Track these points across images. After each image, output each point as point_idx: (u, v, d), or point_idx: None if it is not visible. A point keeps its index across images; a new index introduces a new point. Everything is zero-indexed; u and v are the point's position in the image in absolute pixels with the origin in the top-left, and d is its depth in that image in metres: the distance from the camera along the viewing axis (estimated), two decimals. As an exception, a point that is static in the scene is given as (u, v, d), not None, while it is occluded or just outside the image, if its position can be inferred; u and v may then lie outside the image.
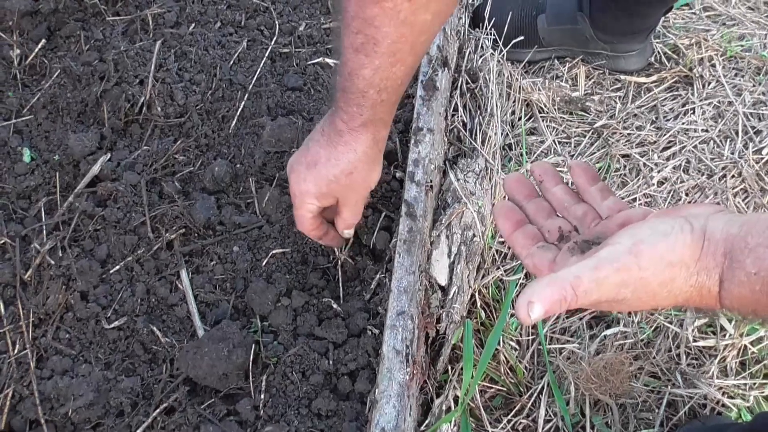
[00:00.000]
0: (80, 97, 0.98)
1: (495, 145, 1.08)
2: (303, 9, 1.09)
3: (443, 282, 0.87)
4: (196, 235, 0.90)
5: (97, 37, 1.04)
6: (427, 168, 0.91)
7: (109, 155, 0.94)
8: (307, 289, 0.87)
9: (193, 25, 1.05)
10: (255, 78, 1.00)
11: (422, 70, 1.00)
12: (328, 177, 0.72)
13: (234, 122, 0.97)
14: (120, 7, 1.08)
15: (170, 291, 0.85)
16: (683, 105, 1.27)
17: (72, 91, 0.99)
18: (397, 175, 0.94)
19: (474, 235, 0.94)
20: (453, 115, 1.08)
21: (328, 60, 1.03)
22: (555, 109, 1.26)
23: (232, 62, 1.01)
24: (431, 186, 0.91)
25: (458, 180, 0.96)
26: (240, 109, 0.97)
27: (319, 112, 0.98)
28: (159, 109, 0.96)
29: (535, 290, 0.47)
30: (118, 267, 0.86)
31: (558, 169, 1.19)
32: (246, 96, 0.98)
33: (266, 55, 1.02)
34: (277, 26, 1.06)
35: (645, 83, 1.30)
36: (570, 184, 0.65)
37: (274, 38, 1.05)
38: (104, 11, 1.06)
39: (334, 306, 0.84)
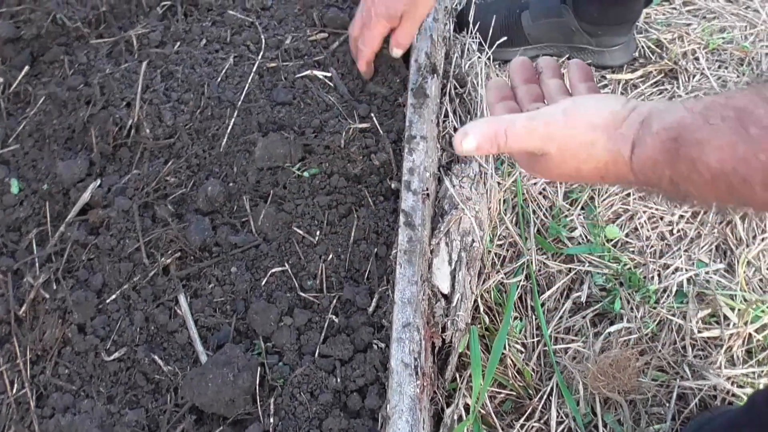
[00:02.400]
0: (67, 123, 0.96)
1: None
2: (288, 22, 1.08)
3: (446, 290, 0.87)
4: (192, 258, 0.89)
5: (81, 60, 1.03)
6: (422, 176, 0.91)
7: (99, 181, 0.93)
8: (308, 305, 0.86)
9: (178, 43, 1.04)
10: (243, 94, 0.98)
11: (411, 78, 1.00)
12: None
13: (225, 140, 0.95)
14: (104, 29, 1.07)
15: (169, 317, 0.84)
16: (670, 98, 1.27)
17: (58, 117, 0.97)
18: (393, 185, 0.93)
19: (473, 241, 0.93)
20: (444, 122, 1.08)
21: (316, 72, 1.02)
22: (544, 110, 1.25)
23: (219, 79, 1.00)
24: (428, 194, 0.90)
25: (454, 186, 0.96)
26: (230, 127, 0.96)
27: (311, 126, 0.97)
28: (148, 131, 0.95)
29: (474, 125, 0.52)
30: (114, 296, 0.85)
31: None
32: (235, 113, 0.97)
33: (253, 70, 1.01)
34: (263, 41, 1.05)
35: (631, 79, 1.31)
36: None
37: (261, 53, 1.04)
38: (87, 34, 1.05)
39: (337, 321, 0.83)
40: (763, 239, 1.10)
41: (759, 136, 0.40)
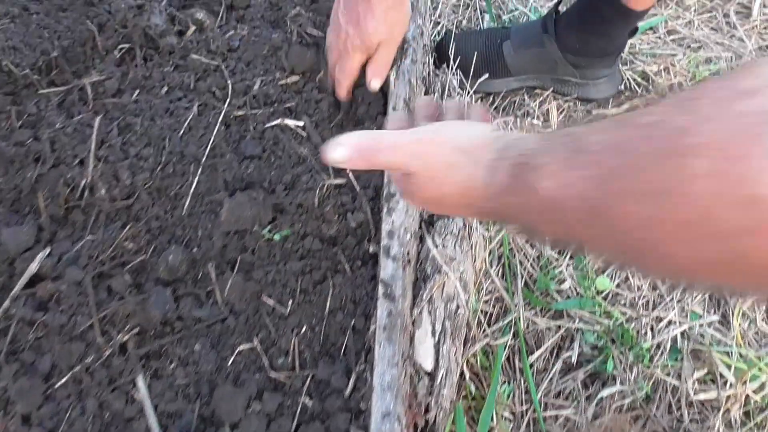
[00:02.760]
0: (13, 184, 0.88)
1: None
2: (257, 65, 1.01)
3: (429, 367, 0.80)
4: (152, 334, 0.81)
5: (30, 111, 0.94)
6: (402, 239, 0.84)
7: (48, 249, 0.84)
8: (279, 387, 0.78)
9: (137, 91, 0.96)
10: (208, 148, 0.91)
11: (389, 128, 0.93)
12: (370, 30, 0.83)
13: (188, 200, 0.88)
14: (56, 75, 0.98)
15: (126, 403, 0.76)
16: (659, 136, 1.22)
17: (3, 176, 0.89)
18: (371, 249, 0.86)
19: (458, 307, 0.87)
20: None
21: (288, 121, 0.95)
22: (529, 150, 1.20)
23: (182, 132, 0.92)
24: (409, 260, 0.84)
25: (437, 246, 0.89)
26: (194, 186, 0.88)
27: (282, 182, 0.90)
28: (103, 191, 0.87)
29: (347, 136, 0.53)
30: (64, 380, 0.77)
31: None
32: (200, 170, 0.89)
33: (219, 120, 0.94)
34: (230, 86, 0.98)
35: (617, 115, 1.25)
36: None
37: (228, 100, 0.96)
38: (37, 82, 0.96)
39: (311, 405, 0.76)
40: (758, 289, 1.06)
41: (587, 162, 0.36)
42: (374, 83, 0.95)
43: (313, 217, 0.87)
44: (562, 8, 1.22)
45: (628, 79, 1.28)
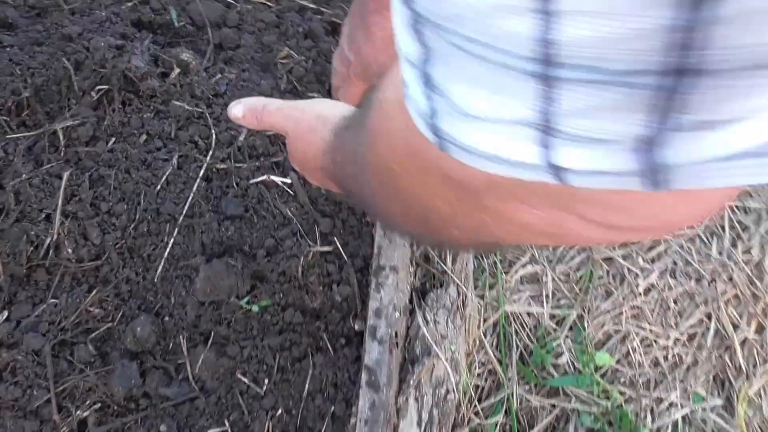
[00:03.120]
0: (-29, 239, 0.81)
1: (467, 265, 0.95)
2: (244, 113, 0.94)
3: (414, 464, 0.74)
4: (114, 411, 0.75)
5: (-4, 155, 0.88)
6: (390, 318, 0.78)
7: (6, 313, 0.78)
8: (252, 481, 0.72)
9: (113, 139, 0.89)
10: (187, 206, 0.85)
11: (382, 192, 0.87)
12: (371, 54, 0.76)
13: (161, 264, 0.81)
14: (27, 116, 0.92)
15: (81, 494, 0.70)
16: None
17: (-38, 228, 0.82)
18: (356, 326, 0.80)
19: (447, 392, 0.81)
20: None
21: (274, 178, 0.89)
22: (529, 206, 1.14)
23: (159, 187, 0.85)
24: (396, 342, 0.77)
25: (428, 324, 0.83)
26: (169, 247, 0.82)
27: (263, 246, 0.84)
28: (69, 251, 0.80)
29: (247, 99, 0.63)
30: (14, 466, 0.70)
31: (536, 276, 1.08)
32: (176, 230, 0.83)
33: (200, 174, 0.87)
34: (214, 136, 0.91)
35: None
36: None
37: (210, 152, 0.90)
38: (6, 123, 0.90)
39: (284, 504, 0.70)
40: (765, 371, 1.00)
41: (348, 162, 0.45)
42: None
43: (295, 286, 0.81)
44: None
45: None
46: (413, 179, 0.33)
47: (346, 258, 0.83)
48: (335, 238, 0.84)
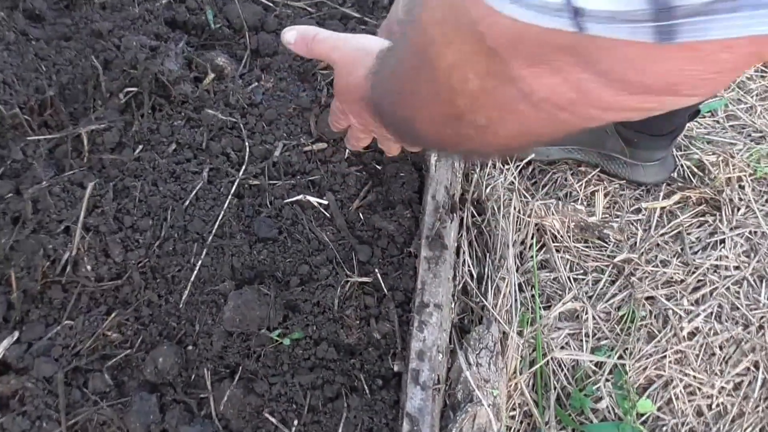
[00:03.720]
0: (-17, 248, 0.75)
1: (509, 304, 0.89)
2: (280, 126, 0.88)
3: None
4: (130, 449, 0.69)
5: (15, 157, 0.82)
6: (434, 361, 0.72)
7: (17, 334, 0.72)
8: None
9: (141, 147, 0.83)
10: (216, 225, 0.78)
11: (427, 221, 0.81)
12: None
13: (187, 287, 0.75)
14: (50, 116, 0.86)
15: None
16: (711, 234, 1.11)
17: (-26, 236, 0.76)
18: (395, 367, 0.74)
19: (489, 441, 0.75)
20: (456, 261, 0.90)
21: (310, 198, 0.82)
22: (569, 237, 1.08)
23: (188, 202, 0.79)
24: (439, 388, 0.71)
25: (470, 366, 0.77)
26: (196, 270, 0.76)
27: (297, 273, 0.78)
28: (88, 268, 0.74)
29: (300, 26, 0.68)
30: (19, 507, 0.64)
31: (576, 313, 1.02)
32: (204, 251, 0.77)
33: (231, 191, 0.81)
34: (248, 149, 0.85)
35: (667, 206, 1.14)
36: None
37: (243, 166, 0.84)
38: (27, 123, 0.83)
39: None
40: (815, 428, 0.94)
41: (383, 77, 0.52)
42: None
43: (330, 319, 0.75)
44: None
45: (681, 166, 1.17)
46: (449, 45, 0.36)
47: (385, 291, 0.77)
48: (375, 268, 0.78)
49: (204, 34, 0.96)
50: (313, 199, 0.83)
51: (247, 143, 0.86)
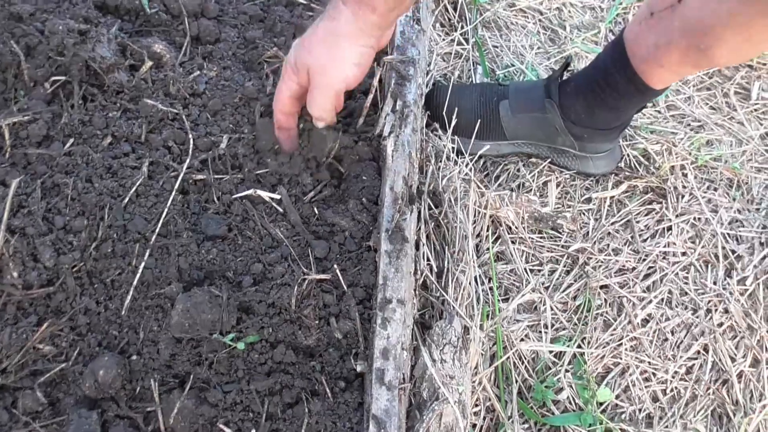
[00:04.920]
0: None
1: (470, 297, 0.87)
2: (225, 116, 0.83)
3: None
4: (69, 472, 0.62)
5: (-77, 153, 0.73)
6: (399, 359, 0.69)
7: (-68, 351, 0.63)
8: None
9: (72, 140, 0.76)
10: (160, 223, 0.72)
11: (385, 213, 0.77)
12: (303, 44, 0.74)
13: (129, 292, 0.69)
14: (-36, 106, 0.77)
15: None
16: (659, 222, 1.13)
17: None
18: (358, 367, 0.70)
19: (457, 440, 0.72)
20: (416, 254, 0.87)
21: (261, 192, 0.78)
22: (524, 228, 1.07)
23: (127, 199, 0.73)
24: (404, 387, 0.68)
25: (435, 362, 0.74)
26: (139, 273, 0.70)
27: (250, 272, 0.73)
28: (14, 274, 0.67)
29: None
30: None
31: (534, 305, 1.01)
32: (147, 252, 0.71)
33: (175, 186, 0.75)
34: (191, 141, 0.79)
35: (616, 196, 1.15)
36: None
37: (188, 159, 0.78)
38: (-65, 114, 0.75)
39: None
40: (764, 406, 0.97)
41: None
42: (317, 123, 0.80)
43: (287, 320, 0.71)
44: (568, 73, 1.11)
45: (628, 155, 1.18)
46: None
47: (345, 287, 0.73)
48: (333, 265, 0.74)
49: (139, 19, 0.89)
50: (265, 194, 0.78)
51: (190, 135, 0.80)
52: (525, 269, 1.03)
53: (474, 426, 0.88)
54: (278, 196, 0.78)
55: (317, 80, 0.74)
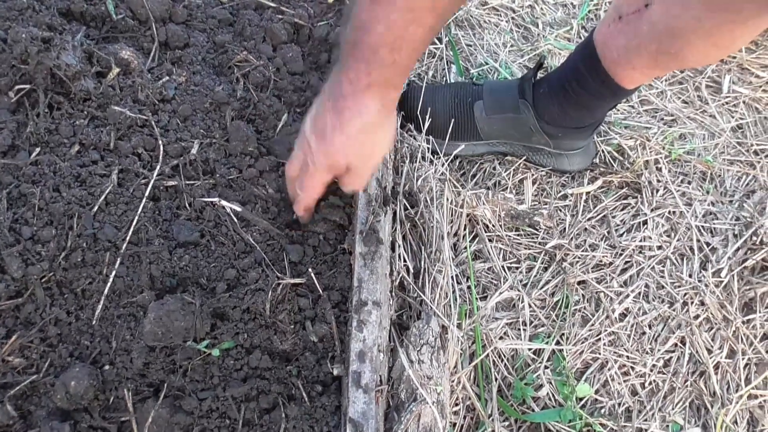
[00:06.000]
0: None
1: (448, 297, 0.87)
2: (196, 121, 0.82)
3: None
4: (41, 487, 0.61)
5: None
6: (375, 361, 0.68)
7: None
8: None
9: (38, 150, 0.75)
10: (131, 231, 0.71)
11: (360, 216, 0.77)
12: (336, 147, 0.68)
13: (101, 301, 0.68)
14: (-75, 118, 0.75)
15: None
16: (634, 216, 1.14)
17: None
18: (335, 371, 0.70)
19: (435, 440, 0.72)
20: (392, 255, 0.86)
21: (224, 203, 0.77)
22: (501, 226, 1.08)
23: (96, 207, 0.72)
24: (381, 390, 0.68)
25: (412, 363, 0.74)
26: (110, 281, 0.69)
27: (223, 278, 0.72)
28: (-18, 287, 0.66)
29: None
30: None
31: (512, 302, 1.01)
32: (118, 260, 0.70)
33: (146, 193, 0.74)
34: (161, 147, 0.79)
35: (591, 191, 1.16)
36: None
37: (158, 166, 0.77)
38: None
39: None
40: (740, 396, 0.98)
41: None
42: (347, 189, 0.76)
43: (262, 326, 0.70)
44: (542, 73, 1.12)
45: (602, 151, 1.19)
46: None
47: (320, 291, 0.73)
48: (307, 268, 0.74)
49: (105, 26, 0.88)
50: (227, 204, 0.77)
51: (160, 141, 0.79)
52: (502, 267, 1.04)
53: (454, 425, 0.88)
54: (238, 209, 0.77)
55: (362, 170, 0.72)
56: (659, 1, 0.78)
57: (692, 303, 1.05)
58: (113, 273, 0.69)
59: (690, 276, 1.08)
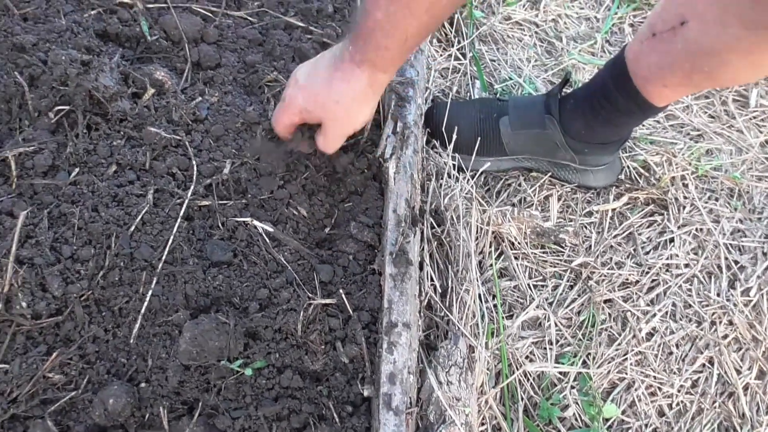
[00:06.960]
0: None
1: (475, 316, 0.88)
2: (228, 141, 0.84)
3: None
4: (80, 503, 0.62)
5: (-70, 185, 0.74)
6: (406, 384, 0.69)
7: (-57, 384, 0.64)
8: None
9: (77, 170, 0.77)
10: (166, 251, 0.73)
11: (389, 236, 0.78)
12: (316, 98, 0.75)
13: (138, 320, 0.70)
14: (-31, 138, 0.78)
15: None
16: (661, 234, 1.13)
17: None
18: (365, 392, 0.70)
19: (464, 462, 0.73)
20: (420, 275, 0.87)
21: (256, 223, 0.78)
22: (526, 244, 1.08)
23: (133, 227, 0.73)
24: (411, 412, 0.69)
25: (441, 385, 0.75)
26: (146, 301, 0.70)
27: (256, 298, 0.73)
28: (23, 304, 0.67)
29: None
30: None
31: (538, 321, 1.01)
32: (154, 279, 0.71)
33: (180, 213, 0.76)
34: (195, 167, 0.80)
35: (617, 208, 1.16)
36: None
37: (192, 185, 0.79)
38: (-57, 147, 0.75)
39: None
40: (770, 419, 0.97)
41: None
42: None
43: (294, 345, 0.71)
44: (567, 88, 1.12)
45: (628, 167, 1.19)
46: None
47: (350, 311, 0.74)
48: (338, 288, 0.75)
49: (139, 47, 0.90)
50: (259, 225, 0.78)
51: (193, 161, 0.81)
52: (528, 285, 1.04)
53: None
54: (271, 229, 0.78)
55: (331, 130, 0.78)
56: (696, 19, 0.78)
57: (720, 322, 1.04)
58: (149, 292, 0.70)
59: (718, 295, 1.07)
